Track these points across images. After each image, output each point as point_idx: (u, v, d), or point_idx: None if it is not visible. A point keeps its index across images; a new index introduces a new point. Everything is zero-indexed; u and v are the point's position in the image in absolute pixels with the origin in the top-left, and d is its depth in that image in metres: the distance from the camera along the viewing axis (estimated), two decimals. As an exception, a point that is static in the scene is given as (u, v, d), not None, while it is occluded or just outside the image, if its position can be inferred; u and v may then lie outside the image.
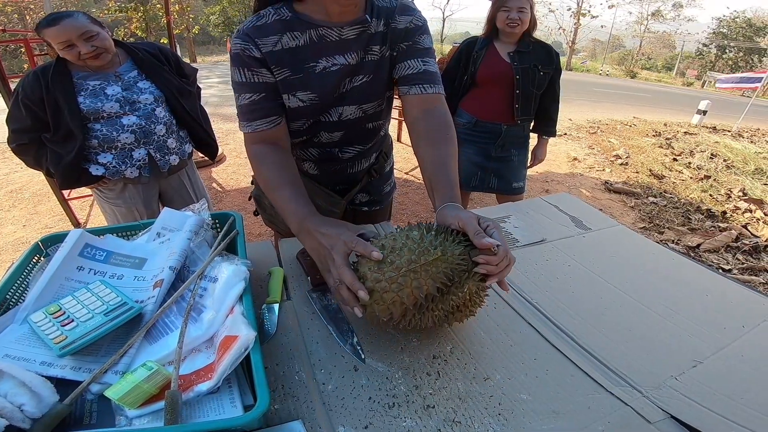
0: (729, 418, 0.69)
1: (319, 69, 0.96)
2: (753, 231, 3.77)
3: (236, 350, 0.59)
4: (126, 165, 1.66)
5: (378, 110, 1.10)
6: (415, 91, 1.00)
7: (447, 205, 0.82)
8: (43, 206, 3.54)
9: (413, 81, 1.01)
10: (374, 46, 1.00)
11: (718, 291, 1.05)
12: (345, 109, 1.04)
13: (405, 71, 1.02)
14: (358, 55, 0.99)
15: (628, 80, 29.89)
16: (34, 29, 1.59)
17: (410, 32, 1.02)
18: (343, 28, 0.95)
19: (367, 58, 1.00)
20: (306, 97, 0.98)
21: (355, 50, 0.98)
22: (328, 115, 1.04)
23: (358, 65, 1.00)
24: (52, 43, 1.50)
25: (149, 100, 1.66)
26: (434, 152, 0.93)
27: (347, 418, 0.65)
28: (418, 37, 1.03)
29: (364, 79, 1.02)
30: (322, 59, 0.96)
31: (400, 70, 1.03)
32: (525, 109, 2.29)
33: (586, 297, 0.98)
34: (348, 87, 1.02)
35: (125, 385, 0.57)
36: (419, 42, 1.03)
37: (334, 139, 1.12)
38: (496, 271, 0.69)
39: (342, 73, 0.98)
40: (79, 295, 0.72)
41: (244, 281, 0.73)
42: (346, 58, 0.98)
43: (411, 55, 1.02)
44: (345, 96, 1.02)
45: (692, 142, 7.39)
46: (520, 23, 2.14)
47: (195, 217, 0.87)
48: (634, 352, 0.82)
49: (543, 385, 0.74)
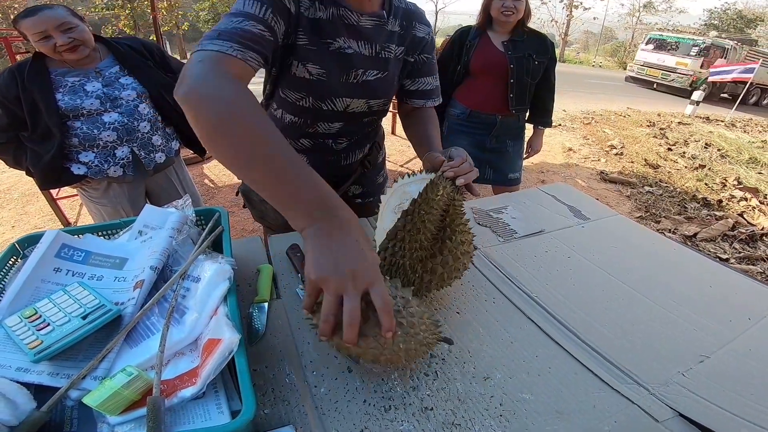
0: (739, 415, 0.66)
1: (334, 48, 0.94)
2: (749, 219, 3.77)
3: (220, 354, 0.55)
4: (109, 164, 1.61)
5: (382, 108, 1.11)
6: (430, 104, 1.16)
7: (426, 155, 0.97)
8: (32, 206, 3.48)
9: (430, 96, 1.15)
10: (391, 45, 1.02)
11: (721, 282, 1.02)
12: (353, 102, 1.02)
13: (424, 86, 1.13)
14: (373, 48, 0.99)
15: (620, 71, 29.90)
16: (12, 23, 1.54)
17: (428, 46, 1.10)
18: (361, 15, 0.94)
19: (382, 55, 1.01)
20: (315, 71, 0.94)
21: (371, 42, 0.98)
22: (332, 104, 1.01)
23: (372, 58, 0.99)
24: (28, 35, 1.45)
25: (132, 96, 1.61)
26: (418, 129, 1.10)
27: (341, 422, 0.62)
28: (433, 52, 1.12)
29: (378, 75, 1.02)
30: (339, 39, 0.94)
31: (419, 83, 1.13)
32: (520, 98, 2.26)
33: (588, 290, 0.95)
34: (360, 79, 1.00)
35: (104, 392, 0.54)
36: (433, 57, 1.13)
37: (331, 131, 1.09)
38: (461, 172, 0.82)
39: (355, 59, 0.97)
40: (56, 297, 0.68)
41: (228, 281, 0.69)
42: (359, 47, 0.97)
43: (430, 72, 1.13)
44: (356, 88, 1.00)
45: (686, 132, 7.39)
46: (515, 12, 2.11)
47: (177, 214, 0.83)
48: (638, 348, 0.79)
49: (545, 383, 0.71)
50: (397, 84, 1.11)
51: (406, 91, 1.14)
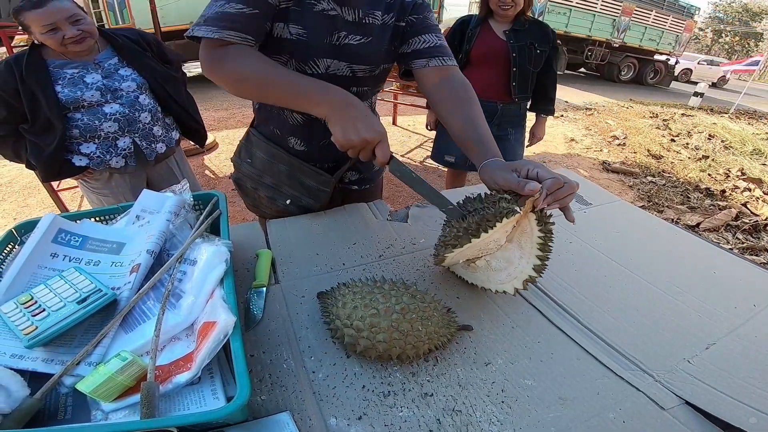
0: (746, 402, 0.65)
1: (317, 9, 0.93)
2: (752, 210, 3.74)
3: (215, 337, 0.54)
4: (111, 154, 1.60)
5: (368, 76, 1.06)
6: (435, 63, 1.01)
7: (485, 165, 0.84)
8: (33, 199, 3.48)
9: (432, 54, 1.01)
10: (376, 11, 0.99)
11: (725, 268, 1.01)
12: (333, 63, 0.99)
13: (420, 45, 1.02)
14: (356, 13, 0.97)
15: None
16: (12, 14, 1.51)
17: (419, 7, 1.04)
18: None
19: (366, 20, 0.98)
20: (295, 31, 0.93)
21: (354, 8, 0.96)
22: (316, 66, 0.99)
23: (355, 24, 0.97)
24: (33, 27, 1.43)
25: (132, 87, 1.60)
26: (460, 112, 0.95)
27: (339, 408, 0.61)
28: (427, 13, 1.04)
29: (361, 40, 0.99)
30: (323, 1, 0.93)
31: (414, 43, 1.03)
32: (522, 87, 2.26)
33: (590, 275, 0.93)
34: (342, 42, 0.98)
35: (97, 377, 0.53)
36: (429, 18, 1.04)
37: None
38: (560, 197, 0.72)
39: (338, 21, 0.95)
40: (52, 283, 0.67)
41: (225, 263, 0.67)
42: (342, 11, 0.95)
43: (425, 30, 1.03)
44: (337, 50, 0.98)
45: (689, 123, 7.34)
46: (513, 5, 2.11)
47: (175, 198, 0.81)
48: (642, 334, 0.78)
49: (548, 369, 0.69)
50: (389, 54, 1.06)
51: (404, 55, 1.06)
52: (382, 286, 0.71)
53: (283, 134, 1.12)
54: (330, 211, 1.15)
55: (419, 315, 0.66)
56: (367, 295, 0.68)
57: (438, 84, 1.00)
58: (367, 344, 0.64)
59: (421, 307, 0.67)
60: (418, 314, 0.66)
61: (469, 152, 0.92)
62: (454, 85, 0.99)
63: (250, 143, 1.18)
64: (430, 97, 1.03)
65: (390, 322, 0.64)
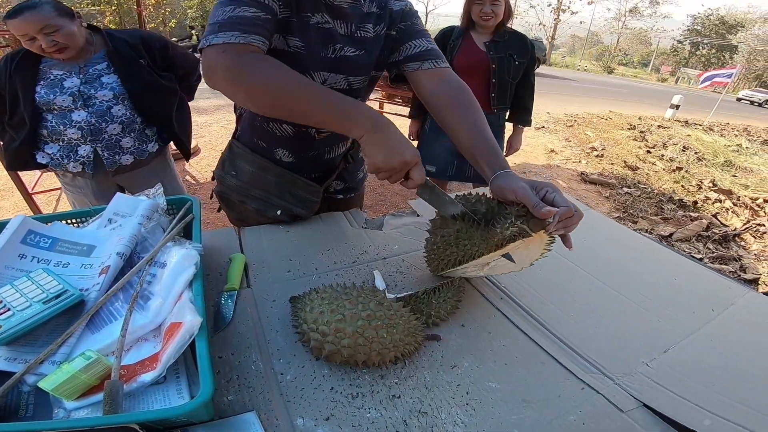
0: (701, 405, 0.67)
1: (313, 21, 0.93)
2: (722, 220, 3.85)
3: (180, 337, 0.55)
4: (69, 159, 1.60)
5: (361, 86, 1.07)
6: (429, 66, 1.01)
7: (499, 174, 0.82)
8: (6, 201, 3.41)
9: (424, 57, 1.02)
10: (367, 25, 1.00)
11: (686, 275, 1.04)
12: (331, 77, 0.99)
13: (412, 50, 1.03)
14: (348, 27, 0.98)
15: (605, 75, 30.34)
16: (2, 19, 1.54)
17: (407, 14, 1.05)
18: None
19: (358, 34, 0.99)
20: (293, 44, 0.92)
21: (346, 22, 0.97)
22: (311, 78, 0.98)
23: (348, 37, 0.98)
24: (15, 35, 1.44)
25: (107, 96, 1.58)
26: (465, 120, 0.94)
27: (306, 409, 0.62)
28: (415, 20, 1.07)
29: (356, 52, 1.00)
30: (318, 14, 0.93)
31: (406, 49, 1.04)
32: (501, 98, 2.30)
33: (556, 282, 0.96)
34: (338, 54, 0.98)
35: (60, 375, 0.53)
36: (417, 24, 1.06)
37: None
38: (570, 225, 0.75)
39: (333, 34, 0.96)
40: (19, 283, 0.66)
41: (194, 266, 0.68)
42: (336, 24, 0.96)
43: (414, 35, 1.04)
44: (333, 63, 0.98)
45: (665, 135, 7.52)
46: (493, 16, 2.16)
47: (148, 202, 0.82)
48: (604, 338, 0.81)
49: (512, 372, 0.71)
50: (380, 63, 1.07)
51: (396, 62, 1.06)
52: (351, 292, 0.72)
53: (270, 146, 1.11)
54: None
55: (384, 322, 0.67)
56: (334, 301, 0.69)
57: (436, 89, 0.99)
58: (332, 349, 0.65)
59: (388, 314, 0.69)
60: (383, 321, 0.67)
61: (477, 160, 0.89)
62: (454, 90, 0.99)
63: (234, 155, 1.16)
64: (429, 103, 1.02)
65: (355, 328, 0.65)
